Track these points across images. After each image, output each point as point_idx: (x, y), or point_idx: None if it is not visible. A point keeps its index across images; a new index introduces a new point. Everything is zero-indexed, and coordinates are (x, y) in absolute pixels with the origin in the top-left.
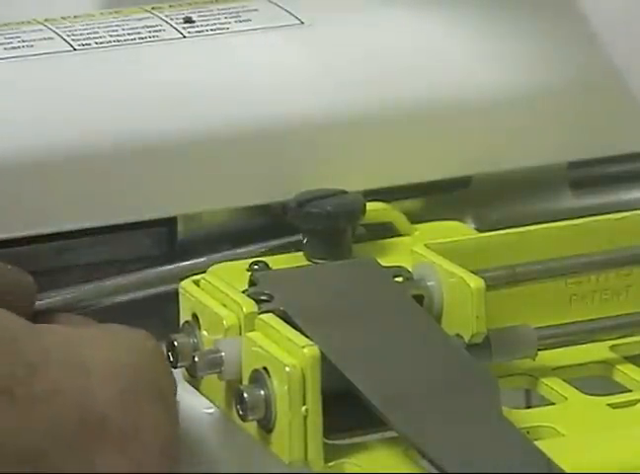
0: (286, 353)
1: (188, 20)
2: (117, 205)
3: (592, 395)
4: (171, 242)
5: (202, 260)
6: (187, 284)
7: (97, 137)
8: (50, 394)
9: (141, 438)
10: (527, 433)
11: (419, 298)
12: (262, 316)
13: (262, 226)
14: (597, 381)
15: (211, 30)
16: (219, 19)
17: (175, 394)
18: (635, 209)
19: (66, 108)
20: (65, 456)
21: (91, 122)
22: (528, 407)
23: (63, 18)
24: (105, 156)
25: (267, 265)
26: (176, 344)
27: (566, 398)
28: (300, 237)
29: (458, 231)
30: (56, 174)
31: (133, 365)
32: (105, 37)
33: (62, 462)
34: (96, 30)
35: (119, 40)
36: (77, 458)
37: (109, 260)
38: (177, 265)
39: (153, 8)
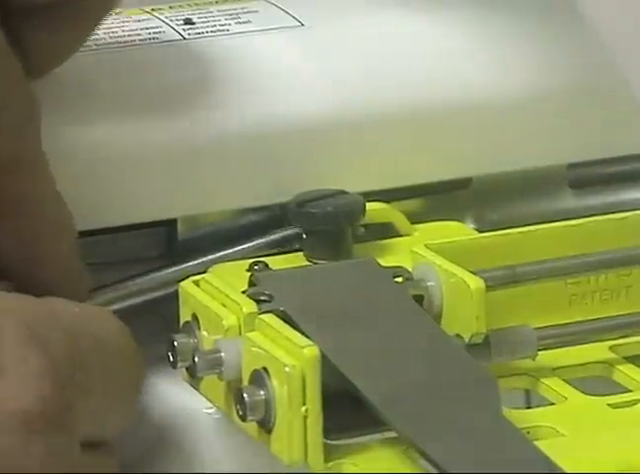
0: (286, 353)
1: (188, 21)
2: (117, 207)
3: (592, 395)
4: (171, 242)
5: (202, 261)
6: (186, 285)
7: (95, 136)
8: None
9: (6, 377)
10: (528, 433)
11: (419, 298)
12: (262, 316)
13: (262, 225)
14: (597, 381)
15: (211, 31)
16: (219, 20)
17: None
18: (635, 209)
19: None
20: None
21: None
22: (528, 407)
23: None
24: (105, 157)
25: (267, 265)
26: (176, 344)
27: (566, 398)
28: (298, 229)
29: (458, 231)
30: (57, 174)
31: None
32: (104, 38)
33: None
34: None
35: (118, 42)
36: None
37: (109, 261)
38: (176, 268)
39: (153, 9)
